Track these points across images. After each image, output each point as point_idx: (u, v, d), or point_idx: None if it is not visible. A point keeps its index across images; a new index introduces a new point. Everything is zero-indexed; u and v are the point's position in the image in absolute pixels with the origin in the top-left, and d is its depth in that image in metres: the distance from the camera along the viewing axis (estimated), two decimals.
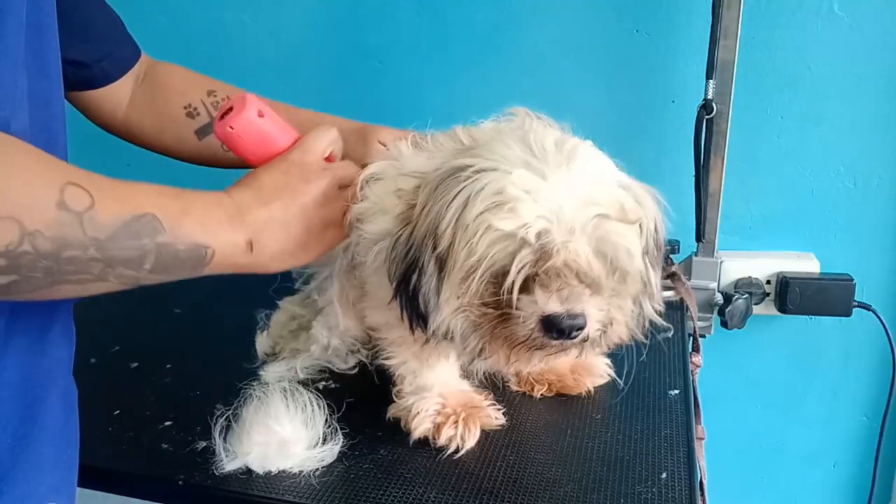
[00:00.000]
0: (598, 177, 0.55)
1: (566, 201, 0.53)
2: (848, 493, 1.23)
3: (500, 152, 0.55)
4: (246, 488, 0.63)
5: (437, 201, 0.56)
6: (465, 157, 0.57)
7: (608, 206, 0.54)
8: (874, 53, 1.04)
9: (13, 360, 0.51)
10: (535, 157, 0.54)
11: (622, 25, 1.11)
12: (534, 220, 0.52)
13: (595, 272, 0.54)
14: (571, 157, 0.54)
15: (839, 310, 1.09)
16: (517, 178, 0.52)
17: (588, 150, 0.57)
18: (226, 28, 1.28)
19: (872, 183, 1.09)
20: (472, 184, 0.54)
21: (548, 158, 0.54)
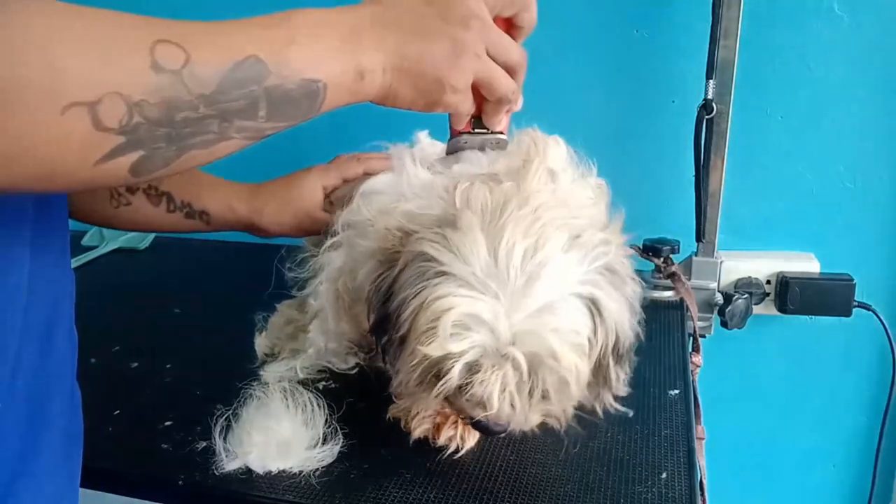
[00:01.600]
0: (555, 301, 0.54)
1: (511, 329, 0.53)
2: (848, 493, 1.23)
3: (467, 255, 0.54)
4: (246, 488, 0.63)
5: (404, 286, 0.57)
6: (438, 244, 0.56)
7: (557, 335, 0.53)
8: (874, 53, 1.04)
9: (23, 364, 0.50)
10: (496, 271, 0.53)
11: (622, 25, 1.11)
12: (469, 349, 0.53)
13: (520, 403, 0.55)
14: (534, 278, 0.53)
15: (839, 310, 1.09)
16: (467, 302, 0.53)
17: (556, 265, 0.54)
18: None
19: (872, 183, 1.09)
20: (432, 288, 0.55)
21: (509, 275, 0.53)
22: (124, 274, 1.20)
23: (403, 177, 0.68)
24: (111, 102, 0.40)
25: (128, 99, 0.40)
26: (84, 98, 0.38)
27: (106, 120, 0.40)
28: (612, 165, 1.17)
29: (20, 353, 0.49)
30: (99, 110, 0.39)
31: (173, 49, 0.42)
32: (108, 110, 0.40)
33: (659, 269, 1.05)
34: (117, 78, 0.40)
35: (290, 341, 0.83)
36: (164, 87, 0.42)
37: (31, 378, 0.50)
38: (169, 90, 0.42)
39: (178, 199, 0.83)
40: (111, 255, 1.26)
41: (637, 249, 1.07)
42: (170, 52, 0.42)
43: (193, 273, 1.17)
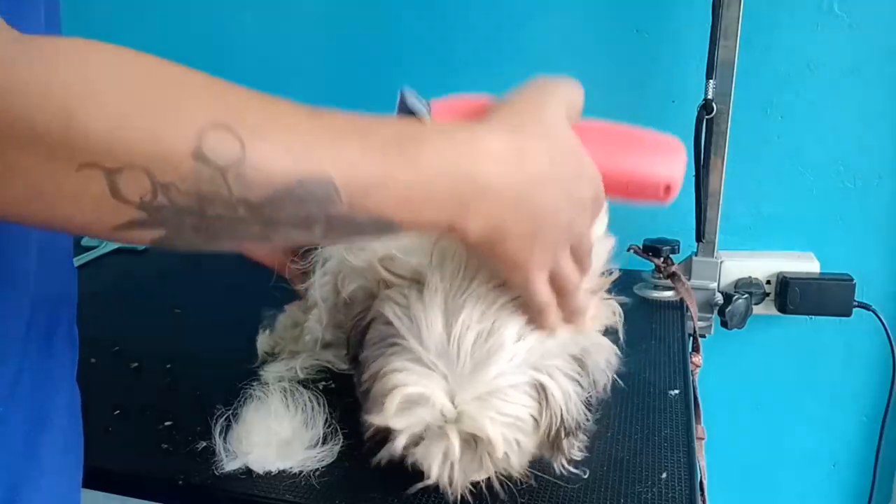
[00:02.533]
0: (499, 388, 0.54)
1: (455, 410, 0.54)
2: (848, 493, 1.23)
3: (422, 329, 0.55)
4: (246, 488, 0.63)
5: (368, 345, 0.59)
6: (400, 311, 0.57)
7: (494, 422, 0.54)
8: (874, 53, 1.04)
9: (25, 368, 0.49)
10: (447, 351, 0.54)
11: (622, 25, 1.11)
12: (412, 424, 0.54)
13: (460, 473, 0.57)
14: (481, 365, 0.54)
15: (839, 310, 1.09)
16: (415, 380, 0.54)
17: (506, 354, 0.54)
18: (226, 28, 1.28)
19: (872, 183, 1.09)
20: (387, 358, 0.56)
21: (459, 358, 0.54)
22: (124, 274, 1.20)
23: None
24: (134, 175, 0.34)
25: (154, 178, 0.35)
26: (103, 162, 0.34)
27: (125, 191, 0.35)
28: None
29: (23, 358, 0.49)
30: (118, 179, 0.34)
31: (228, 139, 0.36)
32: (128, 182, 0.34)
33: (659, 269, 1.05)
34: (147, 153, 0.34)
35: (293, 343, 0.83)
36: (201, 180, 0.35)
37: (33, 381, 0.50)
38: (206, 185, 0.35)
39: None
40: (111, 255, 1.26)
41: (637, 249, 1.07)
42: (223, 141, 0.35)
43: (193, 273, 1.17)
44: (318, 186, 0.38)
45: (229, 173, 0.36)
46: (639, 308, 1.03)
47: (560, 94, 0.50)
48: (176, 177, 0.35)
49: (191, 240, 0.38)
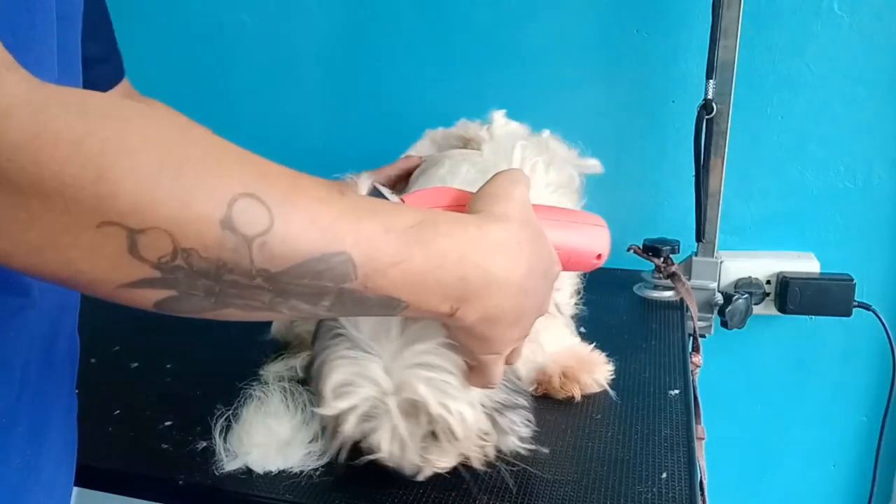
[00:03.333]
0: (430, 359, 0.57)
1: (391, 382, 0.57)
2: (848, 493, 1.23)
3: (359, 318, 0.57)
4: (246, 488, 0.63)
5: (318, 340, 0.61)
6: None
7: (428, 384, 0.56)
8: (874, 53, 1.04)
9: (28, 377, 0.49)
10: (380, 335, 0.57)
11: (622, 25, 1.11)
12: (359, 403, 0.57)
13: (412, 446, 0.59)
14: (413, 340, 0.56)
15: (839, 310, 1.09)
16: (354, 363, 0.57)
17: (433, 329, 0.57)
18: (226, 28, 1.28)
19: (872, 183, 1.09)
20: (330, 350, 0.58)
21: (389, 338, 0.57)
22: None
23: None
24: (156, 237, 0.34)
25: (176, 242, 0.35)
26: (126, 222, 0.33)
27: (144, 250, 0.34)
28: (612, 165, 1.17)
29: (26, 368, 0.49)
30: (139, 239, 0.34)
31: (258, 210, 0.36)
32: (149, 243, 0.34)
33: (659, 269, 1.05)
34: (175, 217, 0.34)
35: (299, 338, 0.83)
36: (224, 247, 0.35)
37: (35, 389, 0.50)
38: (229, 253, 0.36)
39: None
40: None
41: (637, 249, 1.07)
42: (253, 212, 0.36)
43: None
44: (338, 262, 0.39)
45: (254, 243, 0.36)
46: (639, 308, 1.03)
47: (521, 181, 0.53)
48: (199, 243, 0.35)
49: (198, 304, 0.38)
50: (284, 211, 0.37)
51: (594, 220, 0.61)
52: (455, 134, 0.95)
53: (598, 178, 1.18)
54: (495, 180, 0.53)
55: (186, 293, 0.37)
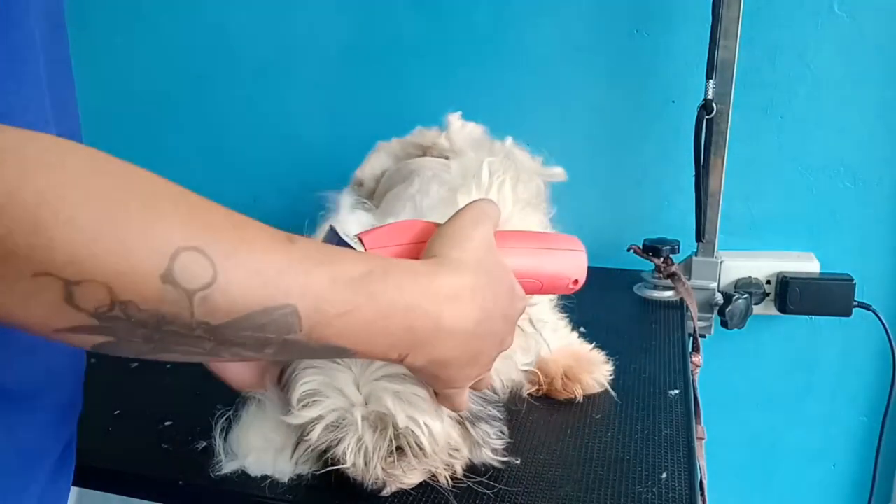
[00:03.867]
0: (399, 373, 0.57)
1: (361, 393, 0.57)
2: (848, 493, 1.23)
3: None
4: (246, 488, 0.63)
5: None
6: None
7: (396, 397, 0.57)
8: (874, 53, 1.04)
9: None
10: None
11: (622, 25, 1.11)
12: (326, 412, 0.57)
13: (375, 459, 0.58)
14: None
15: (839, 310, 1.09)
16: (323, 374, 0.57)
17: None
18: (226, 28, 1.28)
19: (872, 183, 1.09)
20: (300, 360, 0.58)
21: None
22: None
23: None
24: (93, 289, 0.33)
25: (114, 294, 0.33)
26: (63, 273, 0.32)
27: (80, 301, 0.33)
28: (612, 165, 1.18)
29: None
30: (75, 290, 0.33)
31: (202, 263, 0.35)
32: (86, 294, 0.33)
33: (659, 269, 1.05)
34: (113, 270, 0.33)
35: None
36: (164, 301, 0.34)
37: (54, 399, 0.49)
38: (170, 306, 0.35)
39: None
40: None
41: (637, 249, 1.07)
42: (196, 266, 0.34)
43: None
44: (281, 315, 0.38)
45: (196, 297, 0.35)
46: (639, 308, 1.03)
47: (488, 216, 0.52)
48: (138, 296, 0.34)
49: (138, 348, 0.37)
50: (228, 264, 0.35)
51: (570, 244, 0.60)
52: (413, 142, 0.94)
53: (599, 179, 1.18)
54: (458, 219, 0.51)
55: (125, 339, 0.36)
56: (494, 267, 0.50)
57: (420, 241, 0.53)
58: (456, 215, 0.52)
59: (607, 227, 1.19)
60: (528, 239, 0.59)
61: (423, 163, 0.88)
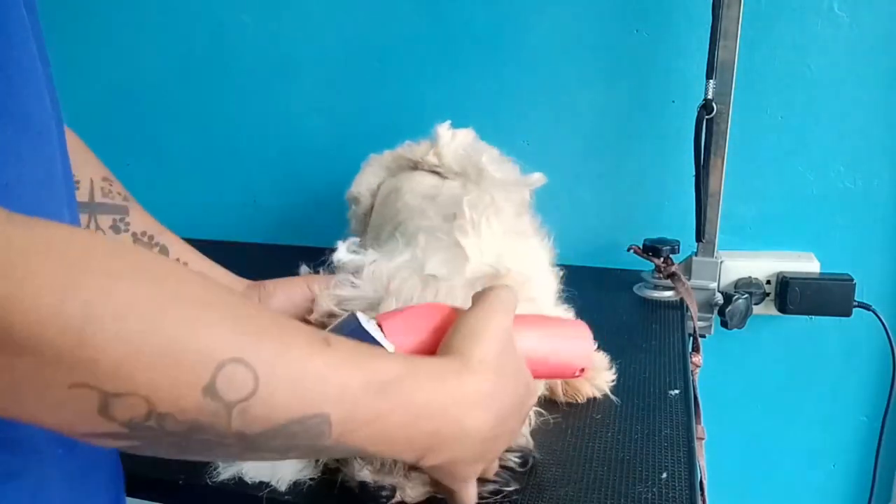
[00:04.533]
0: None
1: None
2: (848, 493, 1.23)
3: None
4: (246, 489, 0.63)
5: None
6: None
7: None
8: (874, 53, 1.04)
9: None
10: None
11: (622, 25, 1.11)
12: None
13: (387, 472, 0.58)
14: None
15: (839, 310, 1.09)
16: None
17: None
18: (226, 28, 1.28)
19: (872, 183, 1.09)
20: None
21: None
22: None
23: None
24: (132, 402, 0.32)
25: (153, 406, 0.32)
26: (103, 386, 0.31)
27: (116, 413, 0.32)
28: (612, 165, 1.18)
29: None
30: (113, 402, 0.32)
31: (245, 375, 0.34)
32: (123, 406, 0.32)
33: (659, 269, 1.05)
34: (155, 384, 0.32)
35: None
36: (202, 413, 0.33)
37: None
38: (207, 417, 0.34)
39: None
40: None
41: (637, 249, 1.07)
42: (238, 378, 0.34)
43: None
44: (315, 423, 0.37)
45: (236, 408, 0.34)
46: (639, 308, 1.03)
47: (506, 309, 0.51)
48: (177, 409, 0.33)
49: (160, 451, 0.36)
50: (271, 374, 0.35)
51: (578, 332, 0.61)
52: (403, 156, 0.94)
53: (599, 179, 1.18)
54: (478, 311, 0.50)
55: (151, 446, 0.35)
56: (512, 366, 0.50)
57: (440, 330, 0.52)
58: (476, 306, 0.51)
59: (607, 227, 1.19)
60: (540, 324, 0.59)
61: (411, 188, 0.87)
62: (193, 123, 1.35)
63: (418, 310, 0.55)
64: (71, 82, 1.38)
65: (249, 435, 0.35)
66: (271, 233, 1.34)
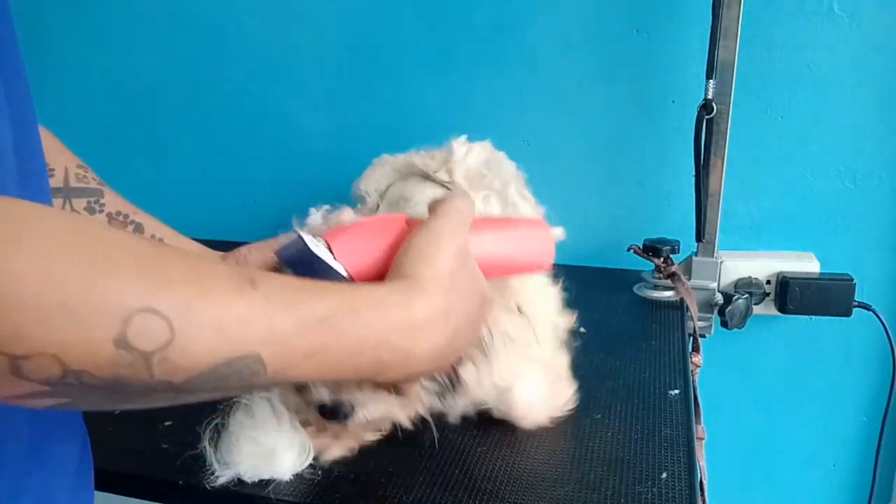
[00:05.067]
0: None
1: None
2: (848, 493, 1.23)
3: None
4: (246, 489, 0.63)
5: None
6: None
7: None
8: (874, 53, 1.04)
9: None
10: None
11: (622, 25, 1.11)
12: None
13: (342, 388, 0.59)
14: None
15: (839, 310, 1.09)
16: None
17: None
18: (226, 28, 1.28)
19: (872, 183, 1.09)
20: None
21: None
22: None
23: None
24: (42, 361, 0.31)
25: (66, 365, 0.31)
26: (9, 350, 0.30)
27: (29, 373, 0.31)
28: (612, 165, 1.18)
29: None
30: (23, 364, 0.31)
31: (157, 324, 0.33)
32: (35, 366, 0.31)
33: (659, 269, 1.05)
34: (62, 342, 0.31)
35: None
36: (120, 365, 0.32)
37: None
38: (126, 370, 0.33)
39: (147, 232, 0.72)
40: None
41: (637, 249, 1.07)
42: (151, 327, 0.33)
43: None
44: (245, 364, 0.36)
45: (154, 358, 0.33)
46: (639, 308, 1.03)
47: (462, 220, 0.50)
48: (91, 365, 0.32)
49: (98, 404, 0.36)
50: (187, 321, 0.34)
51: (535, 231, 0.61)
52: (416, 165, 0.92)
53: (599, 179, 1.18)
54: (432, 226, 0.49)
55: (83, 400, 0.34)
56: (467, 281, 0.49)
57: (394, 246, 0.50)
58: (431, 221, 0.50)
59: (607, 227, 1.19)
60: (497, 226, 0.58)
61: (421, 201, 0.85)
62: (193, 123, 1.35)
63: (369, 225, 0.52)
64: (71, 82, 1.38)
65: (176, 382, 0.35)
66: (271, 233, 1.33)
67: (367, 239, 0.51)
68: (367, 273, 0.50)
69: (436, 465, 0.65)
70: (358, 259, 0.50)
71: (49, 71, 1.38)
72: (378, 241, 0.50)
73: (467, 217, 0.51)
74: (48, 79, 1.38)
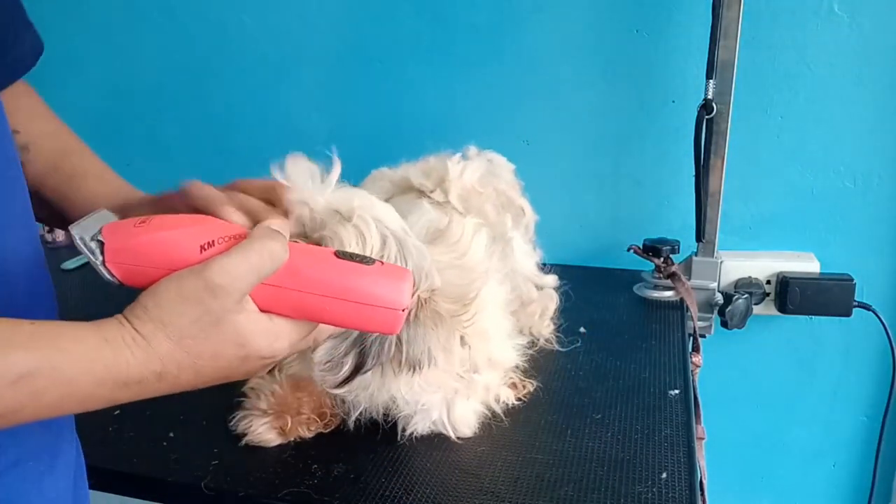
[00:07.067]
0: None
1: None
2: (848, 493, 1.23)
3: None
4: (246, 489, 0.63)
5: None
6: None
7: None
8: (874, 53, 1.04)
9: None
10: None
11: (622, 25, 1.11)
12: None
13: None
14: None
15: (839, 310, 1.09)
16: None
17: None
18: (226, 28, 1.28)
19: (872, 183, 1.09)
20: None
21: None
22: None
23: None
24: None
25: None
26: None
27: None
28: (612, 165, 1.18)
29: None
30: None
31: None
32: None
33: (659, 269, 1.05)
34: None
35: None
36: None
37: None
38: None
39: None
40: None
41: (637, 249, 1.07)
42: None
43: None
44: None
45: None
46: (639, 308, 1.03)
47: (257, 264, 0.46)
48: None
49: None
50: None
51: (382, 272, 0.52)
52: (410, 181, 0.89)
53: (599, 179, 1.18)
54: (202, 274, 0.45)
55: None
56: (218, 340, 0.46)
57: (175, 263, 0.46)
58: (230, 255, 0.46)
59: (607, 227, 1.19)
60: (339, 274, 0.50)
61: (415, 221, 0.84)
62: (193, 123, 1.35)
63: (169, 228, 0.47)
64: (71, 82, 1.38)
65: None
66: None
67: (153, 244, 0.47)
68: (136, 282, 0.47)
69: (436, 465, 0.65)
70: (129, 269, 0.47)
71: (49, 70, 1.38)
72: (164, 250, 0.46)
73: (266, 264, 0.47)
74: (48, 78, 1.38)
